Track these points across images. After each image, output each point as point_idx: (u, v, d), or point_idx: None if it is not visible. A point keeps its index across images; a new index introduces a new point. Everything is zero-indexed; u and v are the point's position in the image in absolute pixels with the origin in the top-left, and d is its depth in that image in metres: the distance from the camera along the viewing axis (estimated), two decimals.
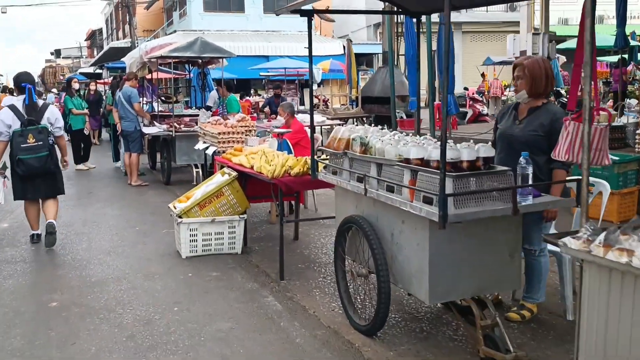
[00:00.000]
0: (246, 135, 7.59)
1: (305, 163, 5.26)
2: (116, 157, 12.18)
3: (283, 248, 5.29)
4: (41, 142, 6.05)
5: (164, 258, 5.97)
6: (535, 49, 11.07)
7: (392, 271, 3.87)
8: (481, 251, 3.57)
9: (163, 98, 12.89)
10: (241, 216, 6.02)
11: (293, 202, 6.95)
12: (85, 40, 61.98)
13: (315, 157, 4.83)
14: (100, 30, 52.51)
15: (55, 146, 6.35)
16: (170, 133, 9.60)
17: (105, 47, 35.07)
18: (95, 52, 47.87)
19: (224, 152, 7.29)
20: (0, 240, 6.77)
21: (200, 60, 11.31)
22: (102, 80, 22.54)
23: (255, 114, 21.55)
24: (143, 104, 11.35)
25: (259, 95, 25.49)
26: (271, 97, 14.00)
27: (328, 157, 4.67)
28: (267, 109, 13.38)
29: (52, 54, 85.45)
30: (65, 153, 6.68)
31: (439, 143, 3.65)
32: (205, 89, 11.61)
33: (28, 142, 6.01)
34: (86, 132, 12.75)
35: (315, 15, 4.90)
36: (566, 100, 16.18)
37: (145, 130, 10.06)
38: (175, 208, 5.99)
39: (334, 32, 34.23)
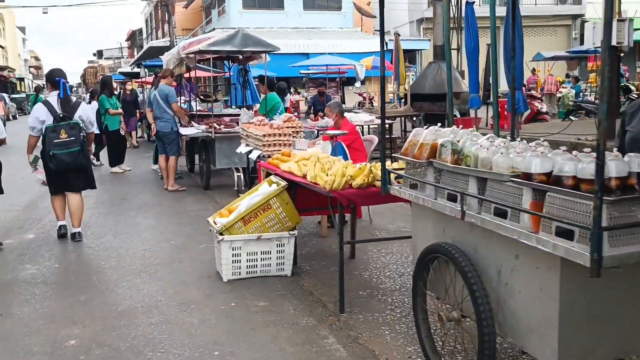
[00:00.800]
0: (293, 137, 6.71)
1: (369, 173, 4.34)
2: (156, 160, 11.45)
3: (343, 276, 4.38)
4: (73, 138, 6.11)
5: (202, 281, 5.13)
6: (620, 38, 9.86)
7: (497, 319, 2.92)
8: (634, 303, 2.59)
9: (202, 97, 12.13)
10: (291, 232, 5.14)
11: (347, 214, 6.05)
12: (125, 40, 62.36)
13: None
14: (140, 31, 52.61)
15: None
16: (210, 134, 8.81)
17: (145, 47, 34.82)
18: (135, 52, 47.86)
19: (269, 156, 6.44)
20: (21, 256, 6.05)
21: (240, 56, 10.50)
22: (140, 80, 22.03)
23: (296, 114, 20.80)
24: (180, 103, 10.62)
25: (299, 93, 24.70)
26: (315, 95, 13.13)
27: (405, 166, 3.74)
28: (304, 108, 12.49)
29: (94, 54, 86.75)
30: (89, 145, 6.89)
31: (559, 151, 2.70)
32: (246, 87, 10.80)
33: (60, 138, 6.07)
34: (122, 132, 12.09)
35: (355, 11, 4.14)
36: (636, 97, 14.86)
37: (183, 131, 9.30)
38: (215, 223, 5.14)
39: (374, 28, 33.18)
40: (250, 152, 7.00)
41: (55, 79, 6.33)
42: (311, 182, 4.63)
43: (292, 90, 25.02)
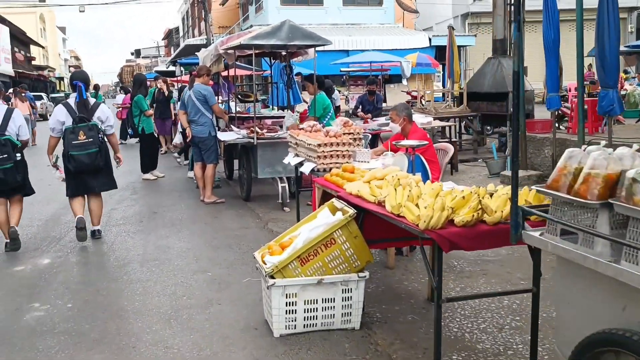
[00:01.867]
0: (354, 146, 5.53)
1: (477, 204, 3.13)
2: (192, 167, 10.43)
3: (440, 346, 3.19)
4: (91, 139, 6.11)
5: (247, 335, 3.99)
6: None
7: None
8: None
9: (240, 96, 11.04)
10: (361, 275, 3.97)
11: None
12: (162, 39, 62.12)
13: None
14: (177, 29, 52.15)
15: (107, 143, 6.42)
16: (252, 140, 7.70)
17: (181, 45, 34.12)
18: (172, 51, 47.36)
19: (325, 170, 5.28)
20: (31, 289, 5.02)
21: (284, 52, 9.37)
22: (175, 78, 21.18)
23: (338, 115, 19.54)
24: (218, 103, 9.54)
25: (339, 92, 23.42)
26: (364, 94, 11.86)
27: (550, 202, 2.52)
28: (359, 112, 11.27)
29: (132, 54, 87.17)
30: (117, 150, 6.83)
31: None
32: (291, 86, 9.68)
33: (79, 139, 6.09)
34: (156, 134, 11.12)
35: (396, 6, 3.05)
36: None
37: (221, 136, 8.21)
38: (264, 262, 4.00)
39: (415, 24, 31.75)
40: (300, 163, 5.84)
41: (73, 82, 6.45)
42: (393, 214, 3.45)
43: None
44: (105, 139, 6.33)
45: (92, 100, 6.40)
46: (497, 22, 12.46)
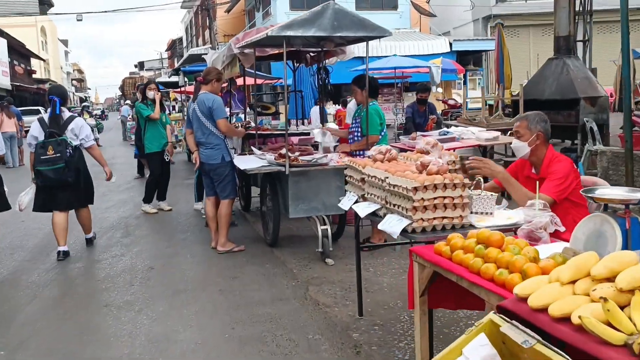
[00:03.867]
0: (467, 187, 3.33)
1: None
2: (199, 196, 8.24)
3: None
4: (59, 154, 5.94)
5: None
6: None
7: None
8: None
9: (259, 108, 8.88)
10: None
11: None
12: (165, 50, 60.26)
13: None
14: (181, 39, 50.25)
15: (82, 156, 6.26)
16: (283, 168, 5.54)
17: (185, 55, 32.13)
18: (175, 62, 45.38)
19: (425, 230, 3.11)
20: None
21: (318, 50, 7.20)
22: (179, 89, 19.06)
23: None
24: (231, 119, 7.34)
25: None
26: (413, 104, 9.66)
27: None
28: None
29: (135, 66, 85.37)
30: (103, 162, 6.64)
31: None
32: (326, 94, 7.53)
33: (47, 154, 5.94)
34: (167, 157, 8.55)
35: (412, 10, 1.28)
36: None
37: (241, 163, 6.01)
38: None
39: (431, 28, 29.64)
40: (374, 214, 3.62)
41: (49, 96, 6.31)
42: None
43: (348, 99, 21.74)
44: (86, 152, 6.23)
45: (66, 115, 6.21)
46: (561, 16, 10.28)
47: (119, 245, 6.74)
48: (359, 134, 6.18)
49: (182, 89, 17.76)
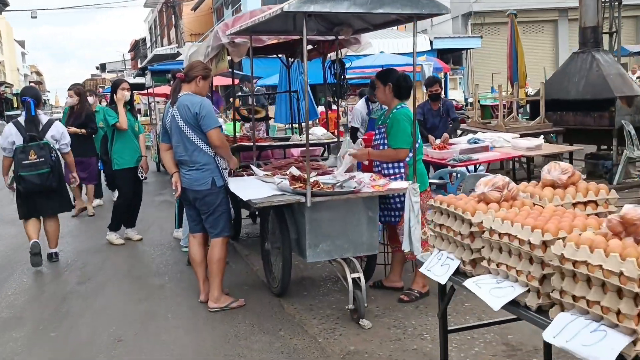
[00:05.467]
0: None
1: None
2: (180, 221, 6.57)
3: None
4: (42, 159, 5.70)
5: None
6: None
7: None
8: None
9: (244, 113, 7.22)
10: None
11: None
12: (128, 51, 57.71)
13: None
14: (144, 40, 47.94)
15: (62, 161, 6.00)
16: (301, 198, 3.93)
17: (149, 56, 30.08)
18: (139, 63, 43.09)
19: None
20: None
21: (333, 39, 5.62)
22: (145, 91, 17.20)
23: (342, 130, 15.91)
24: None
25: (332, 104, 19.65)
26: (425, 103, 8.07)
27: None
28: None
29: (97, 68, 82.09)
30: (73, 169, 6.32)
31: None
32: (344, 91, 5.96)
33: (29, 159, 5.68)
34: (142, 175, 6.72)
35: None
36: None
37: (241, 191, 4.34)
38: None
39: (406, 26, 28.27)
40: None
41: (22, 98, 6.13)
42: None
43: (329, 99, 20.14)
44: (61, 158, 5.98)
45: (44, 118, 5.99)
46: (588, 5, 8.93)
47: (73, 297, 5.03)
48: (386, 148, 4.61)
49: (149, 90, 15.92)
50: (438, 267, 2.46)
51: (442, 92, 8.42)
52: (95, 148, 8.17)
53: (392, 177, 4.47)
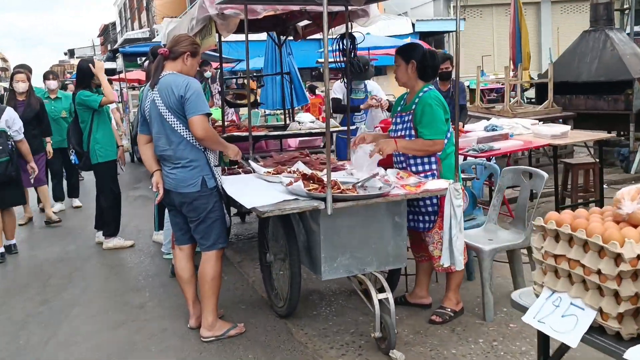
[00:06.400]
0: None
1: None
2: (160, 225, 5.72)
3: None
4: (1, 147, 5.47)
5: None
6: None
7: None
8: None
9: (230, 97, 6.33)
10: None
11: None
12: (98, 36, 55.71)
13: None
14: (114, 24, 46.17)
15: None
16: (320, 204, 3.09)
17: (120, 40, 28.68)
18: (109, 49, 41.40)
19: None
20: None
21: (337, 12, 4.78)
22: (116, 76, 16.10)
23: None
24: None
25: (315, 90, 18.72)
26: (433, 83, 7.20)
27: None
28: None
29: (65, 54, 79.45)
30: (30, 158, 6.01)
31: None
32: (356, 71, 5.07)
33: None
34: (122, 168, 6.04)
35: None
36: None
37: (240, 194, 3.46)
38: None
39: (386, 9, 27.39)
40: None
41: None
42: None
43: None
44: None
45: None
46: None
47: (33, 323, 4.13)
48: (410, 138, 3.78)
49: (121, 75, 14.87)
50: (557, 318, 1.67)
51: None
52: (43, 143, 6.92)
53: (422, 174, 3.67)
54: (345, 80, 5.28)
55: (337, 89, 6.78)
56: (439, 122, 3.59)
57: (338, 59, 5.02)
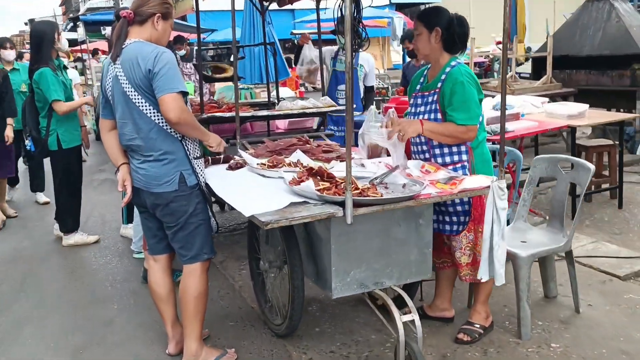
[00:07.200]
0: None
1: None
2: (129, 218, 4.99)
3: None
4: None
5: None
6: None
7: None
8: None
9: (208, 71, 5.55)
10: None
11: None
12: (59, 5, 53.20)
13: None
14: None
15: None
16: (337, 210, 2.40)
17: (82, 9, 27.10)
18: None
19: None
20: None
21: None
22: (78, 47, 15.01)
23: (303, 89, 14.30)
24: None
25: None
26: (408, 62, 6.51)
27: None
28: None
29: (25, 24, 76.05)
30: None
31: None
32: (361, 41, 4.25)
33: None
34: (87, 154, 5.39)
35: None
36: None
37: (231, 195, 2.73)
38: None
39: None
40: None
41: None
42: None
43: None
44: None
45: None
46: None
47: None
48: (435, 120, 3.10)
49: (83, 46, 13.81)
50: None
51: None
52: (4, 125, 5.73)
53: (451, 166, 3.01)
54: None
55: (326, 55, 5.94)
56: (473, 104, 2.92)
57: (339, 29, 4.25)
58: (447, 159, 3.02)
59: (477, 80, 3.02)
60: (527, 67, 10.12)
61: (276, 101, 5.96)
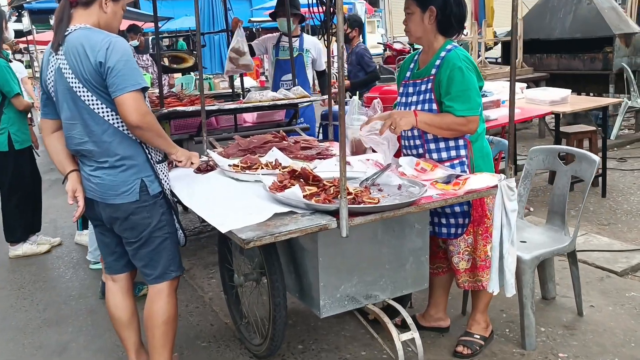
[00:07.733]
0: None
1: None
2: (84, 224, 4.53)
3: None
4: None
5: None
6: None
7: None
8: None
9: (166, 61, 5.08)
10: None
11: None
12: None
13: None
14: None
15: None
16: (330, 222, 2.04)
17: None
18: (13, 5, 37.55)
19: None
20: None
21: None
22: (23, 39, 14.16)
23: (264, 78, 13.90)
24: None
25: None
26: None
27: None
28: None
29: None
30: None
31: None
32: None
33: None
34: (37, 154, 4.72)
35: None
36: None
37: (206, 209, 2.32)
38: None
39: None
40: None
41: None
42: None
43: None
44: None
45: None
46: None
47: None
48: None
49: (29, 37, 12.99)
50: None
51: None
52: None
53: (448, 162, 2.68)
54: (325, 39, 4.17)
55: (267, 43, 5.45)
56: (474, 93, 2.59)
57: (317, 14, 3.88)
58: (444, 155, 2.69)
59: (476, 66, 2.70)
60: (495, 52, 9.94)
61: (241, 92, 5.56)
